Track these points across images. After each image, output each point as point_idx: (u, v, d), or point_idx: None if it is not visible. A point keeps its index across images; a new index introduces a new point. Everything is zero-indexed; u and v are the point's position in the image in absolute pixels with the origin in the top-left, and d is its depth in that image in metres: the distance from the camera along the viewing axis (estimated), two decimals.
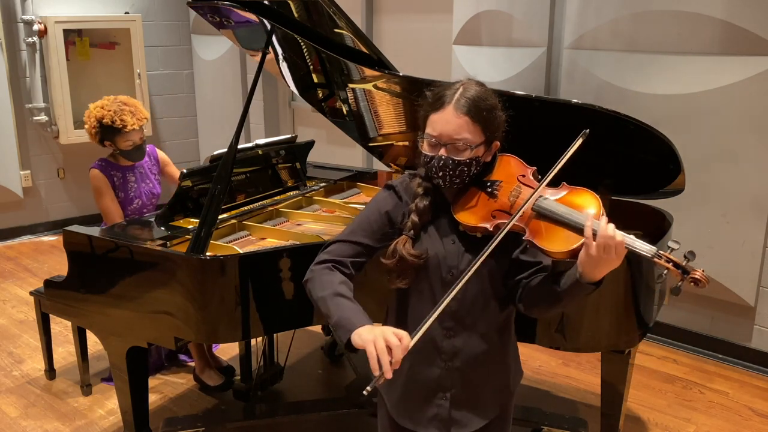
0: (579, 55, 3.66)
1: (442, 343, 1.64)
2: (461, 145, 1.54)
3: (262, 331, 2.44)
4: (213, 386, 3.16)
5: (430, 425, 1.68)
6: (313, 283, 1.60)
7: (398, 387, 1.70)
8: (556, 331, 2.25)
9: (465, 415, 1.68)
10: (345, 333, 1.46)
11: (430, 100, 1.57)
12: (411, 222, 1.60)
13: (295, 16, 2.53)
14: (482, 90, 1.58)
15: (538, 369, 3.42)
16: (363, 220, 1.66)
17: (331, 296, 1.53)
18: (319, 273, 1.60)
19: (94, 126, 3.12)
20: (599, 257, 1.41)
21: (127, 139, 3.13)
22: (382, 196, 1.68)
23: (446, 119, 1.53)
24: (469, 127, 1.54)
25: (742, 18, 3.10)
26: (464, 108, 1.53)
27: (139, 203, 3.27)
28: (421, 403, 1.68)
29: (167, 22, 6.02)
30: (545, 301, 1.57)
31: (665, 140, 2.23)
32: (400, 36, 4.93)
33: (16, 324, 3.93)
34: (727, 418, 3.03)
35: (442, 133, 1.54)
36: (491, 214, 1.57)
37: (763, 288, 3.37)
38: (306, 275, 1.63)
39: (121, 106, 3.10)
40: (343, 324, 1.48)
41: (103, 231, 2.57)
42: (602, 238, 1.40)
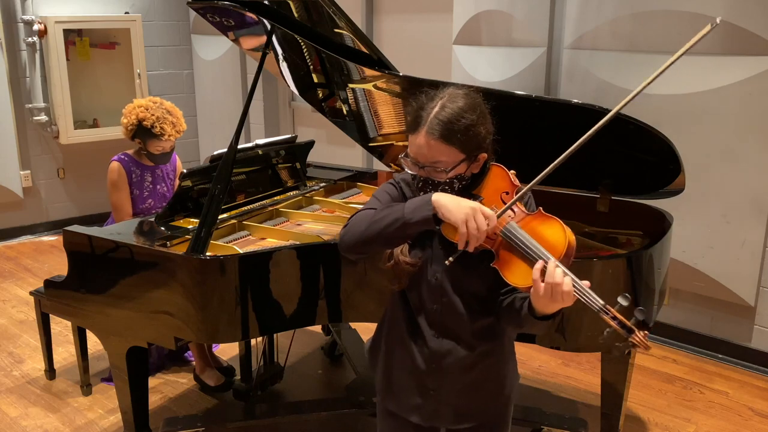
0: (579, 55, 3.66)
1: (431, 343, 1.65)
2: (439, 168, 1.53)
3: (262, 331, 2.44)
4: (213, 386, 3.16)
5: (413, 413, 1.70)
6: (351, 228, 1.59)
7: (387, 372, 1.74)
8: (556, 331, 2.25)
9: (451, 413, 1.70)
10: (426, 208, 1.47)
11: (410, 118, 1.55)
12: None
13: (295, 16, 2.53)
14: (461, 106, 1.52)
15: (538, 369, 3.42)
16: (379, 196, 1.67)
17: (378, 212, 1.55)
18: (350, 221, 1.61)
19: (133, 123, 3.14)
20: (546, 298, 1.40)
21: (158, 146, 3.17)
22: (387, 188, 1.69)
23: (419, 144, 1.52)
24: (444, 150, 1.51)
25: (742, 18, 3.10)
26: (436, 132, 1.49)
27: (150, 203, 3.29)
28: (407, 390, 1.71)
29: (167, 22, 6.02)
30: (512, 324, 1.60)
31: (665, 140, 2.23)
32: (400, 36, 4.93)
33: (16, 324, 3.93)
34: (727, 418, 3.03)
35: (417, 155, 1.53)
36: None
37: (763, 288, 3.37)
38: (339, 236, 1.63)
39: (165, 114, 3.12)
40: (415, 207, 1.49)
41: (102, 231, 2.57)
42: (549, 285, 1.39)
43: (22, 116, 5.36)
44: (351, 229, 1.59)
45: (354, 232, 1.58)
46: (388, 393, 1.76)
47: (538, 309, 1.45)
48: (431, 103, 1.53)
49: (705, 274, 3.45)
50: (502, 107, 1.66)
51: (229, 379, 3.19)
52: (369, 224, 1.54)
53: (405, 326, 1.68)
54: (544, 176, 1.50)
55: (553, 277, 1.38)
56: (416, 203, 1.50)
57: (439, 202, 1.46)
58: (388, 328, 1.75)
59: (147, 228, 2.62)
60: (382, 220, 1.52)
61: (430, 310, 1.63)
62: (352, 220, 1.61)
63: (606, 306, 1.41)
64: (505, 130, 1.66)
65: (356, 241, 1.58)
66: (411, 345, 1.67)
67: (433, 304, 1.63)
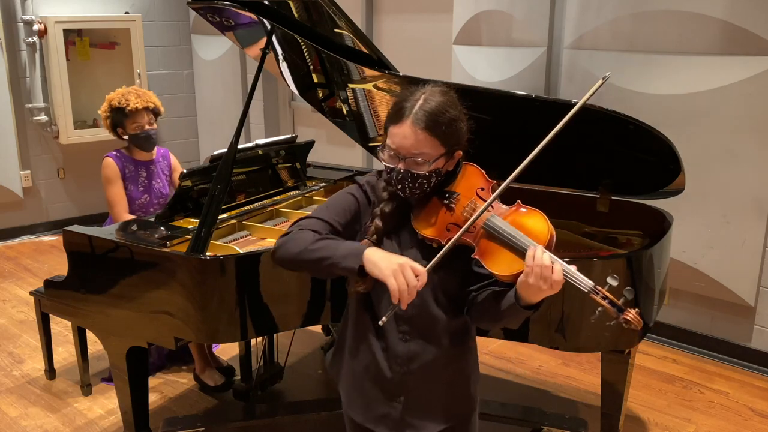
0: (579, 55, 3.66)
1: (398, 347, 1.62)
2: (420, 160, 1.52)
3: (262, 331, 2.44)
4: (213, 386, 3.16)
5: (380, 424, 1.66)
6: (285, 246, 1.55)
7: (351, 380, 1.70)
8: (556, 331, 2.25)
9: (419, 420, 1.65)
10: (355, 260, 1.44)
11: (391, 111, 1.54)
12: (374, 227, 1.58)
13: (295, 16, 2.53)
14: (444, 100, 1.53)
15: (538, 369, 3.42)
16: (335, 204, 1.63)
17: (314, 242, 1.51)
18: (293, 234, 1.56)
19: (106, 110, 3.25)
20: (535, 284, 1.40)
21: (133, 122, 3.21)
22: (352, 190, 1.66)
23: (404, 134, 1.51)
24: (428, 141, 1.51)
25: (742, 18, 3.10)
26: (422, 122, 1.50)
27: (146, 199, 3.31)
28: (374, 401, 1.67)
29: (167, 22, 6.02)
30: (488, 318, 1.59)
31: (665, 140, 2.22)
32: (400, 36, 4.93)
33: (16, 324, 3.93)
34: (727, 418, 3.03)
35: (400, 147, 1.52)
36: (446, 227, 1.55)
37: (763, 288, 3.37)
38: (276, 245, 1.58)
39: (130, 90, 3.25)
40: (346, 254, 1.46)
41: (102, 231, 2.57)
42: (539, 267, 1.39)
43: (22, 116, 5.36)
44: (287, 246, 1.55)
45: (288, 252, 1.54)
46: (352, 403, 1.71)
47: (524, 298, 1.45)
48: (413, 96, 1.54)
49: (705, 274, 3.45)
50: (502, 107, 1.66)
51: (229, 379, 3.19)
52: (303, 250, 1.51)
53: (369, 331, 1.63)
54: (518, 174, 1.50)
55: (542, 260, 1.39)
56: (349, 249, 1.48)
57: (368, 257, 1.44)
58: (351, 333, 1.70)
59: (147, 228, 2.62)
60: (315, 252, 1.50)
61: (399, 312, 1.56)
62: (291, 235, 1.55)
63: (596, 286, 1.43)
64: (504, 129, 1.66)
65: (288, 260, 1.55)
66: (376, 350, 1.63)
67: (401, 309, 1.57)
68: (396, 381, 1.63)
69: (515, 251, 1.47)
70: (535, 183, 2.59)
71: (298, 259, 1.52)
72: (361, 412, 1.69)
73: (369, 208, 1.63)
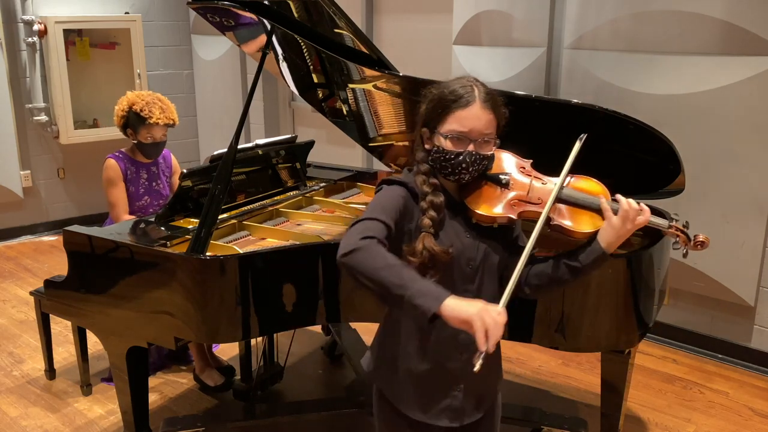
0: (579, 55, 3.66)
1: (460, 334, 1.61)
2: (488, 140, 1.59)
3: (262, 331, 2.44)
4: (213, 386, 3.16)
5: (442, 415, 1.69)
6: (366, 252, 1.44)
7: (411, 380, 1.70)
8: (556, 331, 2.25)
9: (474, 405, 1.72)
10: (433, 302, 1.39)
11: (452, 98, 1.58)
12: (429, 218, 1.58)
13: (295, 16, 2.53)
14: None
15: (538, 369, 3.42)
16: (387, 204, 1.57)
17: (401, 266, 1.44)
18: (369, 245, 1.45)
19: (124, 109, 3.18)
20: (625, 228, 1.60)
21: (149, 132, 3.18)
22: (396, 190, 1.62)
23: (477, 115, 1.56)
24: (492, 121, 1.59)
25: (742, 18, 3.10)
26: (490, 103, 1.58)
27: (147, 200, 3.30)
28: (436, 394, 1.69)
29: (167, 22, 6.02)
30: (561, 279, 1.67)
31: (665, 140, 2.23)
32: (400, 36, 4.93)
33: (16, 324, 3.93)
34: (727, 418, 3.03)
35: (473, 128, 1.57)
36: (510, 204, 1.64)
37: (763, 288, 3.37)
38: (347, 247, 1.45)
39: (155, 100, 3.19)
40: (425, 293, 1.40)
41: (102, 231, 2.57)
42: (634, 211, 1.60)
43: (22, 116, 5.36)
44: (359, 256, 1.45)
45: (362, 264, 1.45)
46: (408, 403, 1.70)
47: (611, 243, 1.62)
48: (466, 83, 1.59)
49: (705, 274, 3.45)
50: None
51: (229, 379, 3.19)
52: (381, 268, 1.43)
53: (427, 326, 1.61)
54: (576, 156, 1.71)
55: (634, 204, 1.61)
56: (429, 289, 1.41)
57: (448, 303, 1.39)
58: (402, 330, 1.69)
59: (147, 228, 2.62)
60: (392, 277, 1.42)
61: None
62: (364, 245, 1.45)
63: (670, 223, 1.68)
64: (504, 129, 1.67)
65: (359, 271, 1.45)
66: (437, 344, 1.65)
67: (465, 294, 1.56)
68: (459, 369, 1.67)
69: (591, 209, 1.65)
70: None
71: (370, 275, 1.44)
72: (422, 410, 1.70)
73: (416, 205, 1.62)
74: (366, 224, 1.50)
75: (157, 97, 3.22)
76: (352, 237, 1.47)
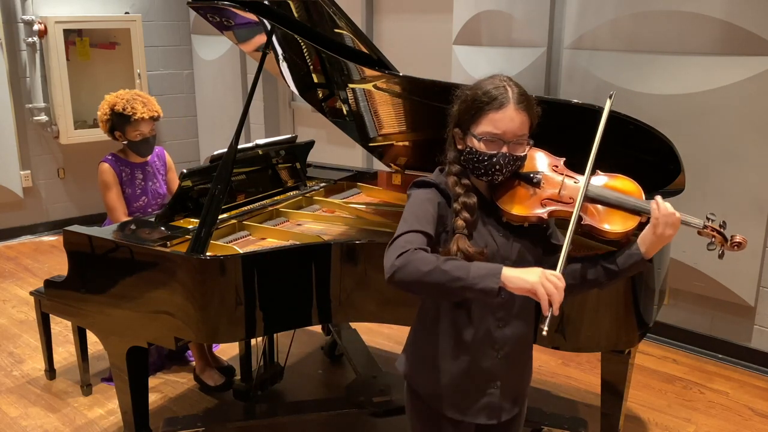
0: (579, 55, 3.66)
1: (496, 333, 1.65)
2: (521, 141, 1.59)
3: (262, 331, 2.44)
4: (213, 386, 3.16)
5: (480, 414, 1.70)
6: (410, 264, 1.46)
7: (449, 379, 1.69)
8: (556, 331, 2.25)
9: (510, 402, 1.73)
10: (493, 280, 1.43)
11: (486, 99, 1.56)
12: (463, 219, 1.58)
13: (295, 16, 2.53)
14: None
15: (538, 369, 3.42)
16: (421, 213, 1.58)
17: (443, 262, 1.46)
18: (412, 255, 1.47)
19: (106, 113, 3.18)
20: (665, 233, 1.56)
21: (136, 129, 3.17)
22: (429, 194, 1.62)
23: (510, 117, 1.56)
24: (526, 122, 1.59)
25: (742, 18, 3.10)
26: (524, 104, 1.57)
27: (144, 201, 3.30)
28: (473, 393, 1.70)
29: (167, 22, 6.02)
30: (597, 281, 1.66)
31: (665, 140, 2.23)
32: (400, 36, 4.93)
33: (16, 324, 3.93)
34: (727, 418, 3.03)
35: (507, 131, 1.56)
36: (541, 203, 1.63)
37: (763, 288, 3.37)
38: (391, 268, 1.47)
39: (134, 96, 3.18)
40: (483, 274, 1.44)
41: (102, 231, 2.57)
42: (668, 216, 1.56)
43: (22, 116, 5.36)
44: (409, 268, 1.46)
45: (413, 273, 1.46)
46: (448, 403, 1.71)
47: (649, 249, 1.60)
48: (499, 84, 1.58)
49: (705, 274, 3.44)
50: None
51: (229, 379, 3.19)
52: (431, 270, 1.45)
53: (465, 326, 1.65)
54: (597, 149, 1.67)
55: (668, 209, 1.57)
56: (483, 270, 1.45)
57: (507, 276, 1.43)
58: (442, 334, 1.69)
59: (147, 228, 2.62)
60: (446, 274, 1.44)
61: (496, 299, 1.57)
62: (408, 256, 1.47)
63: (705, 223, 1.62)
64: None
65: (413, 281, 1.47)
66: (474, 343, 1.65)
67: None
68: (494, 367, 1.67)
69: (625, 210, 1.62)
70: None
71: (424, 280, 1.46)
72: (459, 409, 1.71)
73: (449, 207, 1.62)
74: (401, 240, 1.52)
75: (135, 93, 3.22)
76: (391, 257, 1.49)
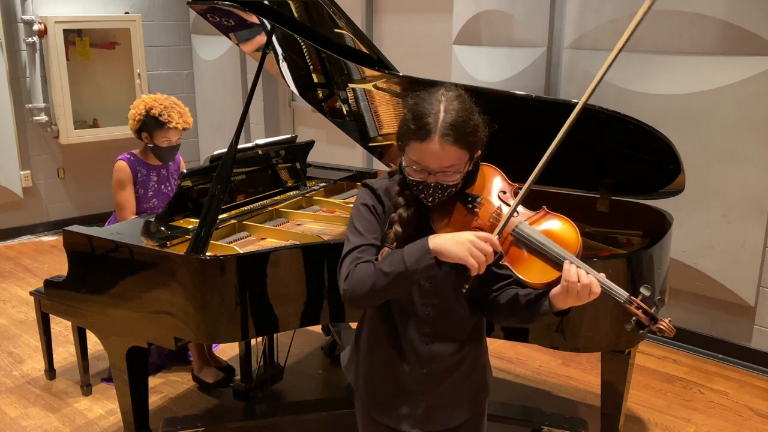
0: (579, 55, 3.66)
1: (421, 348, 1.63)
2: (451, 171, 1.50)
3: (262, 331, 2.44)
4: (212, 383, 3.16)
5: (404, 421, 1.68)
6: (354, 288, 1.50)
7: (374, 381, 1.70)
8: (555, 331, 2.25)
9: (440, 414, 1.69)
10: (427, 257, 1.43)
11: (413, 127, 1.48)
12: (394, 233, 1.55)
13: (295, 16, 2.53)
14: (463, 107, 1.50)
15: (538, 369, 3.42)
16: (363, 223, 1.59)
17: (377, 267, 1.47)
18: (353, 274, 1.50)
19: (141, 113, 3.16)
20: (573, 297, 1.43)
21: (165, 136, 3.18)
22: (366, 199, 1.61)
23: (433, 151, 1.46)
24: (456, 153, 1.48)
25: (742, 18, 3.10)
26: (451, 138, 1.46)
27: (154, 203, 3.30)
28: (395, 401, 1.68)
29: (167, 22, 6.02)
30: (515, 319, 1.60)
31: (665, 140, 2.23)
32: (400, 36, 4.93)
33: (16, 324, 3.93)
34: (727, 418, 3.03)
35: (429, 164, 1.48)
36: (471, 229, 1.52)
37: (763, 288, 3.37)
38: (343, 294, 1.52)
39: (172, 104, 3.19)
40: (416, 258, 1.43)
41: (102, 231, 2.57)
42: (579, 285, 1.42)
43: (22, 116, 5.36)
44: (356, 285, 1.49)
45: (361, 289, 1.49)
46: (373, 404, 1.72)
47: (558, 306, 1.47)
48: (431, 108, 1.48)
49: (705, 274, 3.45)
50: (502, 107, 1.66)
51: (228, 376, 3.19)
52: (375, 280, 1.47)
53: (389, 333, 1.64)
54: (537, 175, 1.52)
55: (582, 278, 1.42)
56: (414, 253, 1.44)
57: (437, 247, 1.42)
58: (368, 336, 1.70)
59: (147, 228, 2.62)
60: (388, 275, 1.46)
61: (422, 315, 1.60)
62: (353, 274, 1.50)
63: (631, 297, 1.45)
64: (504, 130, 1.66)
65: (365, 295, 1.50)
66: (397, 352, 1.64)
67: (425, 309, 1.60)
68: (418, 381, 1.65)
69: (547, 260, 1.47)
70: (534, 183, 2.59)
71: (374, 290, 1.48)
72: (384, 412, 1.70)
73: (384, 213, 1.60)
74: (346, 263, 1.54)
75: (173, 101, 3.21)
76: (341, 282, 1.54)
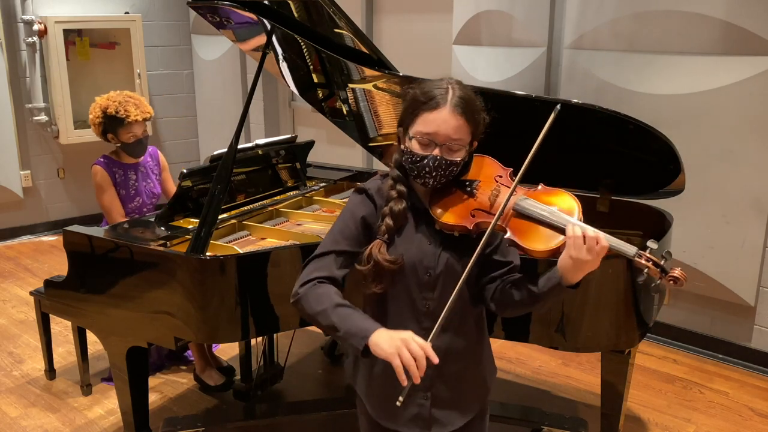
0: (579, 55, 3.66)
1: None
2: (455, 146, 1.53)
3: (262, 331, 2.44)
4: (213, 386, 3.16)
5: (412, 424, 1.67)
6: (306, 299, 1.54)
7: (379, 387, 1.68)
8: (555, 331, 2.25)
9: (446, 414, 1.67)
10: (359, 341, 1.43)
11: (423, 99, 1.53)
12: (386, 226, 1.56)
13: (295, 16, 2.53)
14: (470, 90, 1.56)
15: (538, 369, 3.42)
16: (342, 227, 1.61)
17: (332, 308, 1.49)
18: (310, 290, 1.54)
19: (98, 116, 3.15)
20: (580, 258, 1.43)
21: (129, 131, 3.15)
22: (356, 201, 1.64)
23: (443, 119, 1.51)
24: (463, 128, 1.53)
25: (742, 18, 3.10)
26: (460, 108, 1.51)
27: (139, 201, 3.29)
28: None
29: (167, 22, 6.02)
30: (522, 303, 1.57)
31: (665, 140, 2.23)
32: (400, 36, 4.93)
33: (16, 324, 3.93)
34: (727, 418, 3.03)
35: (438, 132, 1.51)
36: (470, 213, 1.56)
37: (763, 288, 3.37)
38: (294, 296, 1.57)
39: (125, 98, 3.16)
40: (354, 333, 1.45)
41: (102, 231, 2.57)
42: (585, 239, 1.42)
43: (22, 116, 5.36)
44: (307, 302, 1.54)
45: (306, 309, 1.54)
46: (378, 408, 1.70)
47: (567, 276, 1.47)
48: (438, 85, 1.54)
49: (705, 274, 3.44)
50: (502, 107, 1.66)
51: (229, 378, 3.19)
52: (320, 312, 1.51)
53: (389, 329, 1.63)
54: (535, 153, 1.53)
55: (588, 231, 1.42)
56: (358, 327, 1.45)
57: (373, 341, 1.42)
58: None
59: (147, 228, 2.62)
60: (328, 319, 1.49)
61: (421, 308, 1.60)
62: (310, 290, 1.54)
63: (639, 251, 1.46)
64: (504, 130, 1.66)
65: (306, 315, 1.56)
66: None
67: (425, 302, 1.60)
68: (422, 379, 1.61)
69: (551, 227, 1.49)
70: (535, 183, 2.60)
71: (314, 319, 1.53)
72: (389, 416, 1.68)
73: (376, 211, 1.61)
74: (312, 267, 1.58)
75: (127, 94, 3.19)
76: (298, 282, 1.56)
